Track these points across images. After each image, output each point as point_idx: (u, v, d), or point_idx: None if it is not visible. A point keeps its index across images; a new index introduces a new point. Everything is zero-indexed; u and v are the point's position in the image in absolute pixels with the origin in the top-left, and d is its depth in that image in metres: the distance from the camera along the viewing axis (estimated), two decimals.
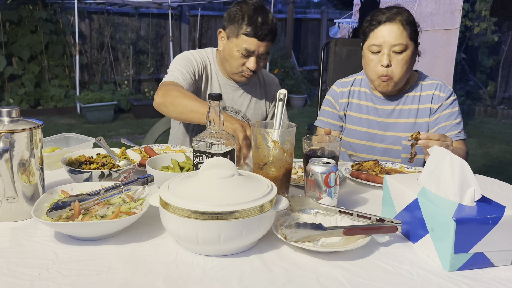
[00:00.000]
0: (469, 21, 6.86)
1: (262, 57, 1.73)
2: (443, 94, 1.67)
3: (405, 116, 1.70)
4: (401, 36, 1.56)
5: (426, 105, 1.68)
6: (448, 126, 1.65)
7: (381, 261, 0.93)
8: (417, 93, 1.70)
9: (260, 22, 1.64)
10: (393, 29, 1.56)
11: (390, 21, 1.57)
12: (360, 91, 1.79)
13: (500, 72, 7.55)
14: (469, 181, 0.94)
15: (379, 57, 1.59)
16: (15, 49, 6.47)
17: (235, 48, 1.70)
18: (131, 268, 0.87)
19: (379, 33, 1.58)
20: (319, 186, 1.12)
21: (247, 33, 1.66)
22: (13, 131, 1.03)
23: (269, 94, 1.97)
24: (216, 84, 1.85)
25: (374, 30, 1.60)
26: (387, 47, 1.57)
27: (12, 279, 0.82)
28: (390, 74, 1.59)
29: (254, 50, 1.68)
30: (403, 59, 1.57)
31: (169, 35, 7.49)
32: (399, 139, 1.70)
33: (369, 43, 1.61)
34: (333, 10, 10.13)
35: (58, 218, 0.99)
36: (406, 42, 1.57)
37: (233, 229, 0.88)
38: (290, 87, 7.78)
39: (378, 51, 1.59)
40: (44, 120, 2.23)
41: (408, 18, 1.59)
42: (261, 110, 1.94)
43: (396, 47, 1.56)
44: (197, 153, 1.15)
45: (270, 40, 1.70)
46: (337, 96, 1.82)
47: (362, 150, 1.77)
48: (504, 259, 0.92)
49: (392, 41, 1.56)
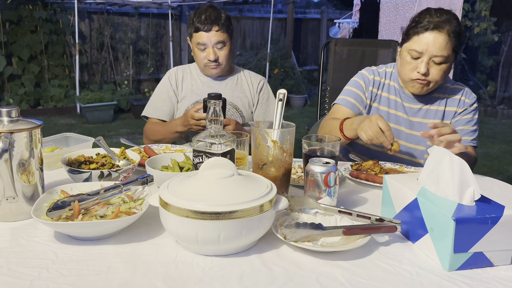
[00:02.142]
0: (469, 21, 6.86)
1: (219, 46, 1.91)
2: (469, 101, 1.68)
3: (431, 117, 1.68)
4: (445, 48, 1.49)
5: (452, 108, 1.69)
6: (465, 131, 1.65)
7: (381, 260, 0.93)
8: (444, 95, 1.69)
9: (203, 18, 1.88)
10: (438, 39, 1.49)
11: (438, 30, 1.49)
12: (390, 84, 1.73)
13: (500, 72, 7.54)
14: (468, 181, 0.94)
15: (417, 63, 1.54)
16: (15, 49, 6.46)
17: (194, 46, 1.95)
18: (131, 268, 0.87)
19: (423, 40, 1.51)
20: (319, 186, 1.12)
21: (195, 30, 1.91)
22: (13, 131, 1.03)
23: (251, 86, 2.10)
24: (200, 83, 2.05)
25: (419, 34, 1.52)
26: (428, 56, 1.51)
27: (12, 279, 0.82)
28: (426, 79, 1.55)
29: (206, 42, 1.90)
30: (442, 69, 1.54)
31: (169, 35, 7.48)
32: (424, 139, 1.60)
33: (410, 46, 1.55)
34: (333, 10, 10.12)
35: (58, 218, 0.99)
36: (448, 54, 1.51)
37: (233, 229, 0.88)
38: (290, 87, 7.77)
39: (418, 57, 1.54)
40: (44, 120, 2.23)
41: (456, 29, 1.50)
42: (247, 99, 2.08)
43: (437, 58, 1.51)
44: (197, 153, 1.15)
45: (218, 30, 1.88)
46: (368, 82, 1.74)
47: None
48: (503, 259, 0.92)
49: (434, 52, 1.50)
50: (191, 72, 2.07)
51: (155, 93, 2.09)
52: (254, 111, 2.10)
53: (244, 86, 2.08)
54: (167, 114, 2.03)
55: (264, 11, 8.68)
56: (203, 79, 2.05)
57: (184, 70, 2.09)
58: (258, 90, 2.10)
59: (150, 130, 2.00)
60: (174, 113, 2.05)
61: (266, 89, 2.12)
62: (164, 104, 2.04)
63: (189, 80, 2.05)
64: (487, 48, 7.55)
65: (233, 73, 2.09)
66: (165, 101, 2.04)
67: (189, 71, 2.08)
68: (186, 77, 2.06)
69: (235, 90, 2.05)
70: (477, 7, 6.86)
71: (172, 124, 1.87)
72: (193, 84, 2.04)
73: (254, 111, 2.10)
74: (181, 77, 2.06)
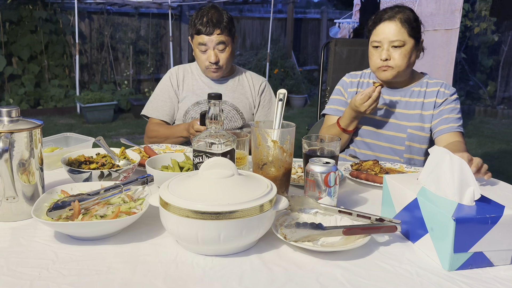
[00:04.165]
0: (469, 21, 6.86)
1: (220, 48, 1.90)
2: (448, 91, 1.81)
3: (411, 108, 1.81)
4: (399, 32, 1.68)
5: (431, 99, 1.80)
6: (451, 118, 1.76)
7: (381, 260, 0.93)
8: (422, 89, 1.82)
9: (205, 20, 1.87)
10: (392, 26, 1.69)
11: (390, 19, 1.71)
12: (369, 82, 1.91)
13: (500, 72, 7.54)
14: (468, 181, 0.94)
15: (379, 52, 1.72)
16: (15, 49, 6.46)
17: (196, 47, 1.93)
18: (131, 268, 0.87)
19: (380, 30, 1.72)
20: (319, 185, 1.12)
21: (197, 32, 1.89)
22: (13, 131, 1.03)
23: (252, 88, 2.10)
24: (201, 83, 2.04)
25: (376, 27, 1.74)
26: (386, 43, 1.70)
27: (12, 279, 0.82)
28: (389, 65, 1.71)
29: (206, 43, 1.88)
30: (402, 52, 1.70)
31: (169, 35, 7.48)
32: (404, 127, 1.80)
33: (371, 40, 1.76)
34: (333, 10, 10.11)
35: (58, 218, 0.99)
36: (404, 38, 1.69)
37: (233, 228, 0.88)
38: (290, 87, 7.76)
39: (378, 46, 1.73)
40: (44, 120, 2.23)
41: (408, 17, 1.70)
42: (248, 101, 2.07)
43: (395, 43, 1.69)
44: (197, 153, 1.15)
45: (220, 33, 1.87)
46: (346, 85, 1.94)
47: (368, 136, 1.85)
48: (503, 259, 0.92)
49: (390, 37, 1.69)
50: (192, 72, 2.07)
51: (155, 92, 2.08)
52: (255, 113, 2.09)
53: (245, 87, 2.08)
54: (167, 115, 2.04)
55: (264, 11, 8.68)
56: (204, 79, 2.04)
57: (185, 69, 2.08)
58: (259, 92, 2.09)
59: (153, 131, 2.00)
60: (175, 114, 2.05)
61: (268, 91, 2.12)
62: (164, 104, 2.04)
63: (190, 80, 2.05)
64: (487, 48, 7.54)
65: (234, 74, 2.08)
66: (165, 101, 2.04)
67: (190, 70, 2.07)
68: (187, 77, 2.06)
69: (236, 92, 2.05)
70: (477, 7, 6.86)
71: (177, 129, 1.89)
72: (194, 84, 2.04)
73: (255, 113, 2.09)
74: (182, 77, 2.05)
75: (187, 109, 2.00)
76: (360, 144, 1.87)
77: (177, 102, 2.04)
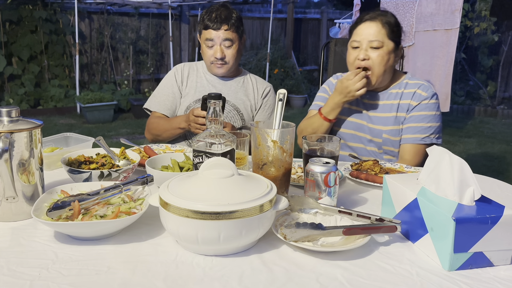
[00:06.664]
0: (469, 21, 6.86)
1: (227, 44, 1.91)
2: (425, 94, 1.73)
3: (387, 111, 1.77)
4: (378, 33, 1.67)
5: (406, 101, 1.75)
6: (418, 128, 1.70)
7: (381, 260, 0.93)
8: (400, 90, 1.78)
9: (213, 16, 1.90)
10: (372, 26, 1.68)
11: (371, 20, 1.70)
12: None
13: (500, 72, 7.54)
14: (468, 181, 0.94)
15: (358, 52, 1.70)
16: (15, 49, 6.46)
17: (203, 42, 1.96)
18: (131, 268, 0.87)
19: (359, 31, 1.71)
20: (319, 186, 1.12)
21: (205, 27, 1.92)
22: (13, 131, 1.03)
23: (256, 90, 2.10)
24: (205, 81, 2.05)
25: (356, 28, 1.73)
26: (365, 43, 1.68)
27: (12, 279, 0.82)
28: (366, 65, 1.69)
29: (213, 38, 1.90)
30: (380, 55, 1.67)
31: (169, 35, 7.48)
32: (380, 132, 1.77)
33: (351, 40, 1.74)
34: (333, 10, 10.11)
35: (58, 218, 0.99)
36: (382, 39, 1.67)
37: (232, 229, 0.88)
38: (290, 87, 7.76)
39: (357, 47, 1.71)
40: (44, 120, 2.24)
41: (390, 20, 1.70)
42: (250, 103, 2.07)
43: (373, 43, 1.67)
44: (197, 153, 1.15)
45: (227, 29, 1.89)
46: (332, 85, 1.96)
47: (350, 139, 1.85)
48: (503, 259, 0.92)
49: (369, 37, 1.67)
50: (197, 69, 2.08)
51: (159, 86, 2.10)
52: (255, 115, 2.09)
53: (248, 89, 2.08)
54: (169, 109, 2.05)
55: (264, 11, 8.68)
56: (208, 77, 2.05)
57: (191, 66, 2.09)
58: (263, 95, 2.09)
59: (153, 124, 2.02)
60: (176, 109, 2.06)
61: (271, 96, 2.11)
62: (167, 99, 2.05)
63: (195, 77, 2.06)
64: (487, 48, 7.54)
65: (239, 76, 2.09)
66: (168, 96, 2.05)
67: (196, 68, 2.09)
68: (192, 74, 2.07)
69: (238, 92, 2.05)
70: (477, 7, 6.86)
71: (177, 120, 1.90)
72: (198, 82, 2.05)
73: (255, 115, 2.09)
74: (187, 73, 2.07)
75: (188, 105, 2.01)
76: (344, 147, 1.87)
77: (179, 97, 2.06)
